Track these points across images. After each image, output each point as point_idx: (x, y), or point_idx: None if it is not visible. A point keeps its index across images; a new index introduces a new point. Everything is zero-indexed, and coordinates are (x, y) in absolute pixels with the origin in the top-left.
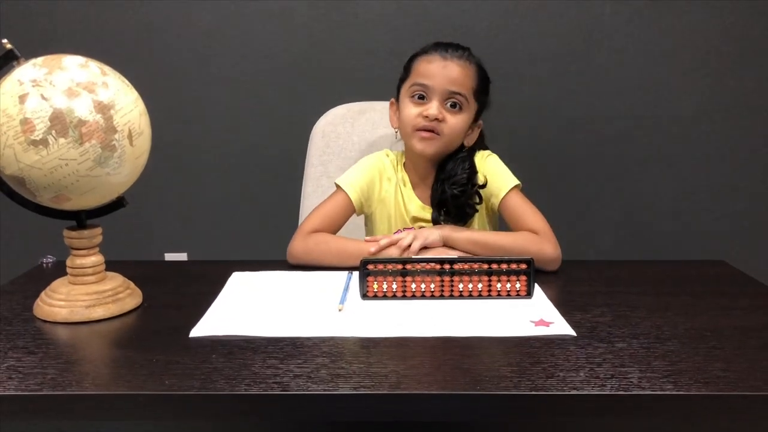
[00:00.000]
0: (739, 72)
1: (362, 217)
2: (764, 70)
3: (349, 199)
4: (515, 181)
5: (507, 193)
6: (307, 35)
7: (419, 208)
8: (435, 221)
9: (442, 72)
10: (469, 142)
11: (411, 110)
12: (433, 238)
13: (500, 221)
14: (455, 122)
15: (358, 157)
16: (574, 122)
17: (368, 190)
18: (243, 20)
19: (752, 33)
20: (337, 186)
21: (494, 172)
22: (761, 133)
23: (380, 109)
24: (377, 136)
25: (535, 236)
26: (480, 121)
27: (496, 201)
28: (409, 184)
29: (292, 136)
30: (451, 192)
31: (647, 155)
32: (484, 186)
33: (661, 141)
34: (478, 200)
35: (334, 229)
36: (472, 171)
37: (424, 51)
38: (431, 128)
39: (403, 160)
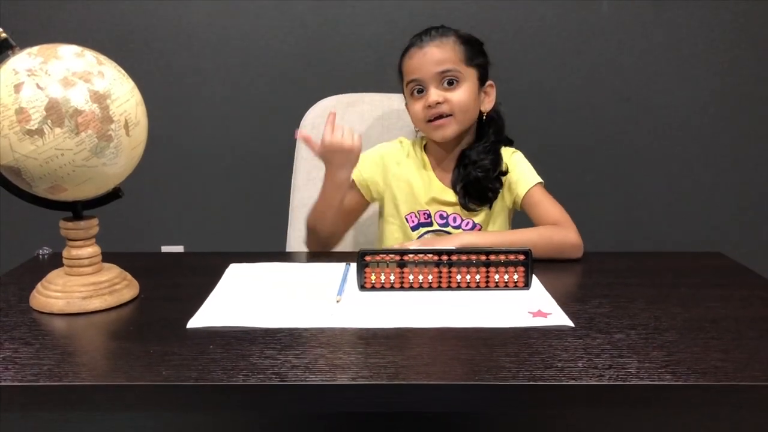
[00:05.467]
0: (735, 67)
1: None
2: (760, 64)
3: (358, 191)
4: (539, 179)
5: (530, 189)
6: (299, 27)
7: (440, 189)
8: (463, 205)
9: (423, 60)
10: (487, 107)
11: (415, 106)
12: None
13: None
14: (459, 97)
15: None
16: (571, 116)
17: (373, 173)
18: (236, 13)
19: (750, 30)
20: None
21: (520, 169)
22: (758, 127)
23: (369, 100)
24: (367, 127)
25: (556, 227)
26: (490, 82)
27: (520, 195)
28: (430, 167)
29: (286, 127)
30: (476, 175)
31: (645, 149)
32: (506, 173)
33: (659, 134)
34: (499, 186)
35: (350, 221)
36: (497, 159)
37: (405, 50)
38: (438, 114)
39: (424, 143)
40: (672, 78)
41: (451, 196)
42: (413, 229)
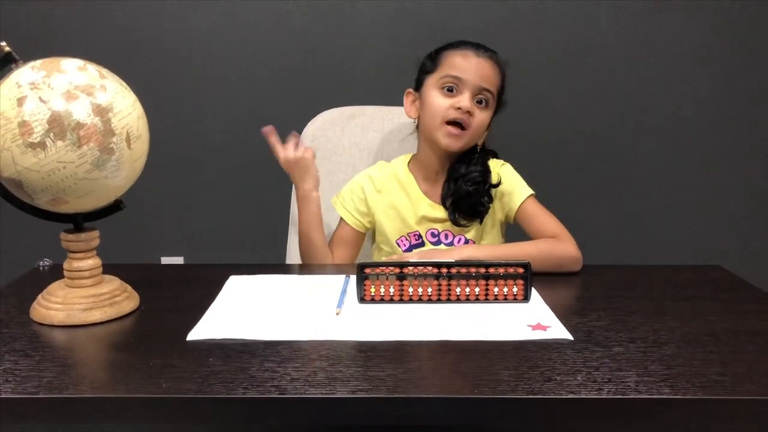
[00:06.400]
0: (734, 76)
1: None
2: (760, 73)
3: (350, 226)
4: (530, 191)
5: (524, 201)
6: (300, 40)
7: (428, 206)
8: (454, 221)
9: (476, 67)
10: (480, 142)
11: (441, 101)
12: None
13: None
14: (482, 118)
15: (349, 161)
16: (569, 127)
17: (357, 204)
18: (237, 26)
19: (746, 37)
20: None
21: (511, 182)
22: (757, 138)
23: (370, 113)
24: (367, 140)
25: (555, 240)
26: (491, 124)
27: (513, 208)
28: (415, 185)
29: (286, 139)
30: (466, 189)
31: (643, 160)
32: (497, 185)
33: (657, 146)
34: (488, 200)
35: (352, 251)
36: (486, 171)
37: (456, 45)
38: (462, 120)
39: (407, 162)
40: (670, 89)
41: (440, 212)
42: (406, 252)
